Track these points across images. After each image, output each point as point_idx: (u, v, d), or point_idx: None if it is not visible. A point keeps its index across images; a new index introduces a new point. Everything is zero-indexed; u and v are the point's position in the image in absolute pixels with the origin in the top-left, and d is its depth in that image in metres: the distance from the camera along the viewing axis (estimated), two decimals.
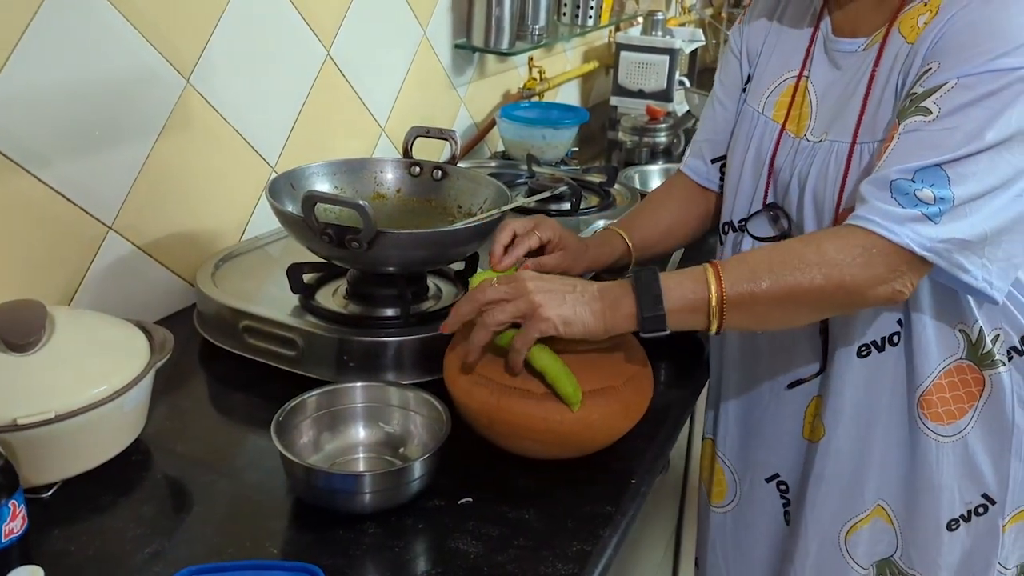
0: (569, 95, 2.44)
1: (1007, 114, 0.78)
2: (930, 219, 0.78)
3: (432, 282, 1.17)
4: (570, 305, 0.81)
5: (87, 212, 1.07)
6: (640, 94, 2.39)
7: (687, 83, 2.49)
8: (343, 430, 0.92)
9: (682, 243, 1.19)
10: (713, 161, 1.13)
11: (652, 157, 2.05)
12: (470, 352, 0.84)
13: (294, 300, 1.11)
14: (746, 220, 1.03)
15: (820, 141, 0.94)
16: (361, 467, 0.90)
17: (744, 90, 1.07)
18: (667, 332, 0.82)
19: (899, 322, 0.93)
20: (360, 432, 0.92)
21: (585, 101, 2.58)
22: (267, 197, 1.05)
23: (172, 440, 0.94)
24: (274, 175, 1.36)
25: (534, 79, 2.09)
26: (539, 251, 0.99)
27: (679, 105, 2.43)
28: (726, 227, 1.07)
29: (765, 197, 1.00)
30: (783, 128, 0.98)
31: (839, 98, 0.94)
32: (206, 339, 1.11)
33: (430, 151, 1.64)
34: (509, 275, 0.86)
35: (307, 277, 1.13)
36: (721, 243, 1.09)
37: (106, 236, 1.10)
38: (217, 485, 0.87)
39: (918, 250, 0.78)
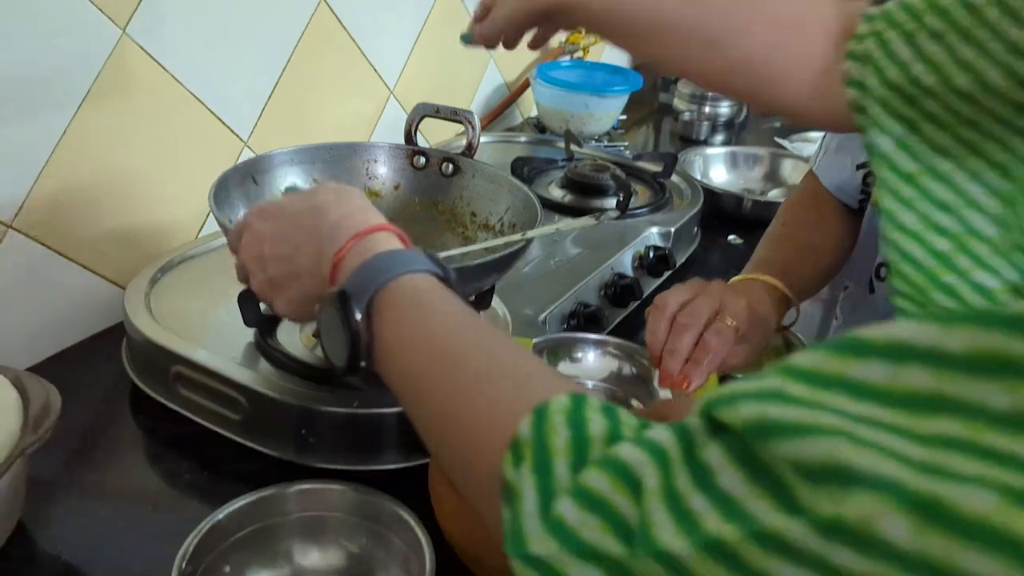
0: (619, 51, 2.11)
1: None
2: None
3: None
4: None
5: None
6: None
7: None
8: (283, 551, 0.65)
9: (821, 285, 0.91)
10: (860, 167, 0.83)
11: (712, 132, 1.75)
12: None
13: (250, 335, 0.84)
14: None
15: None
16: None
17: None
18: None
19: None
20: (308, 554, 0.66)
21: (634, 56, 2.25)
22: (210, 202, 0.77)
23: (56, 541, 0.69)
24: (246, 152, 1.08)
25: (579, 31, 1.77)
26: None
27: None
28: (884, 271, 0.74)
29: None
30: None
31: None
32: None
33: (442, 133, 1.34)
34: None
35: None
36: (871, 292, 0.79)
37: (3, 238, 0.84)
38: None
39: None
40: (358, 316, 0.50)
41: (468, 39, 0.79)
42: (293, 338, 0.85)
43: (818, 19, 0.59)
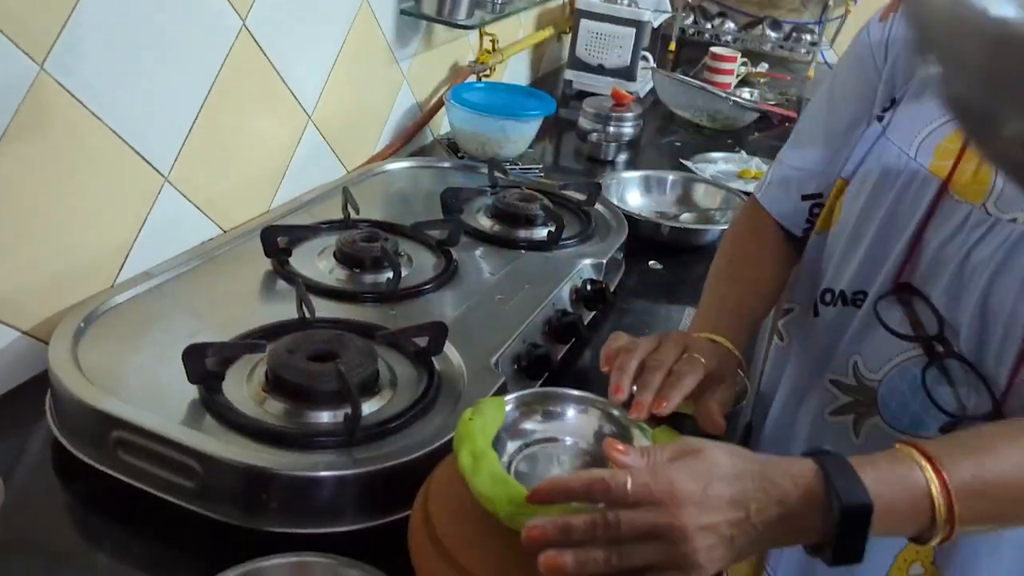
0: (519, 64, 2.13)
1: None
2: None
3: (383, 360, 0.87)
4: (737, 547, 0.53)
5: None
6: (600, 69, 2.11)
7: (651, 60, 2.22)
8: None
9: (769, 310, 0.92)
10: (805, 198, 0.87)
11: (618, 151, 1.78)
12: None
13: (193, 391, 0.80)
14: (873, 297, 0.77)
15: (1014, 220, 0.68)
16: None
17: (882, 117, 0.79)
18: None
19: None
20: None
21: (535, 70, 2.27)
22: None
23: None
24: (167, 187, 1.03)
25: (487, 51, 1.77)
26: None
27: (642, 85, 2.16)
28: (828, 296, 0.82)
29: (899, 274, 0.75)
30: (945, 186, 0.72)
31: None
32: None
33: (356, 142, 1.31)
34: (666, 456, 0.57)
35: (214, 359, 0.82)
36: (816, 315, 0.84)
37: None
38: None
39: None
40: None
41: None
42: (241, 394, 0.81)
43: None
